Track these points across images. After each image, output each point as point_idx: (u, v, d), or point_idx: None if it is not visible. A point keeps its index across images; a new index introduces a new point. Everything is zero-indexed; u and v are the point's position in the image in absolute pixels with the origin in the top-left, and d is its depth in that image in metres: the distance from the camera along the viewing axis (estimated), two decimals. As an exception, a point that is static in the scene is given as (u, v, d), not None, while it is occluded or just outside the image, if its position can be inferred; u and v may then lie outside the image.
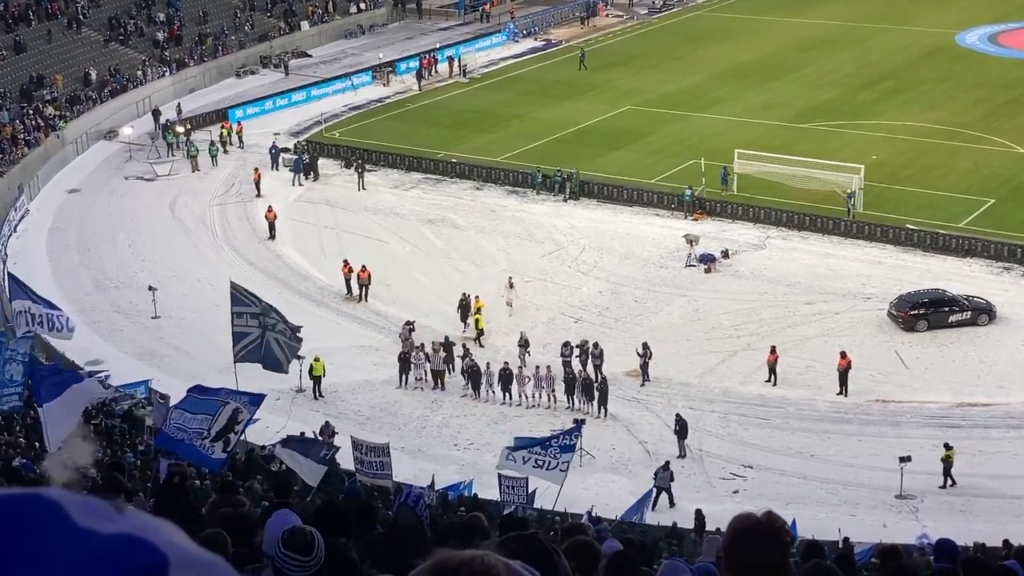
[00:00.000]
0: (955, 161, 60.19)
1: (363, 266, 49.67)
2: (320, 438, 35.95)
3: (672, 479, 36.41)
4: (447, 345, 43.90)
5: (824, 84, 73.52)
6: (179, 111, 70.63)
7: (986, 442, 38.86)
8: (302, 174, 62.19)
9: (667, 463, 36.92)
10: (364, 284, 49.35)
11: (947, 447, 36.56)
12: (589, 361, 42.82)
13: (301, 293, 50.34)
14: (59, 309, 35.51)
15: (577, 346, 43.33)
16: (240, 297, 34.67)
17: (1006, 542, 26.12)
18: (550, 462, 31.96)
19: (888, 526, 34.10)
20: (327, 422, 37.64)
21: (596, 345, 43.19)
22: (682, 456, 38.43)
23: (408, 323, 45.19)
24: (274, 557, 6.64)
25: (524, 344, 44.16)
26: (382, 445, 33.74)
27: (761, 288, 49.25)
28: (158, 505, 12.18)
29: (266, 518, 8.75)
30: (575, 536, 8.13)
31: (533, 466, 31.97)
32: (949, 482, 36.48)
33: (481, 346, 45.03)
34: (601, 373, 42.19)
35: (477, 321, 45.96)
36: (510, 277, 48.04)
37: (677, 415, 39.02)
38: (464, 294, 47.10)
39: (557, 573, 3.08)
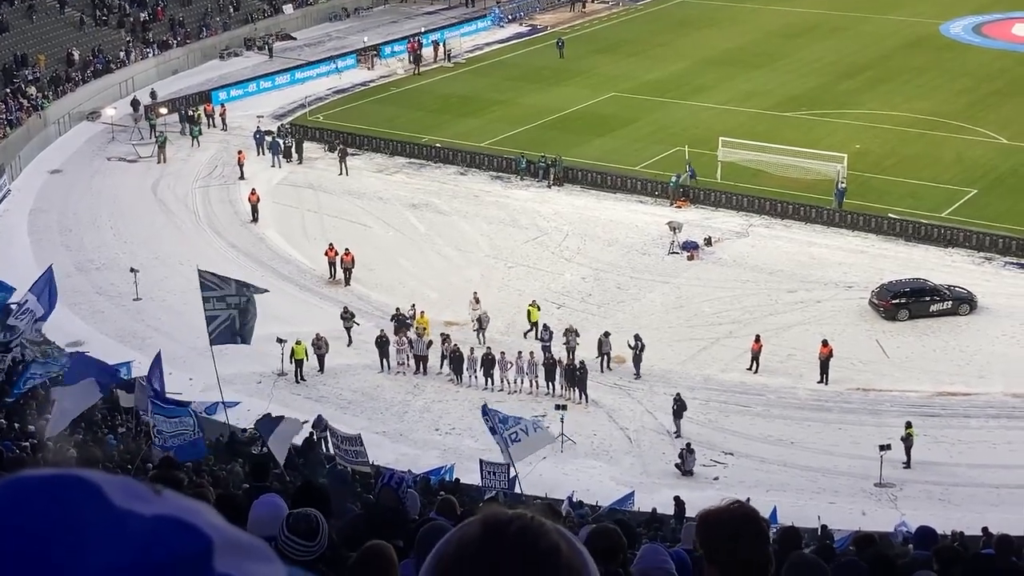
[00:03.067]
0: (938, 151, 60.35)
1: (346, 250, 49.62)
2: (313, 431, 35.86)
3: (695, 458, 36.93)
4: (400, 318, 43.97)
5: (808, 72, 73.58)
6: (153, 96, 69.94)
7: (965, 431, 39.06)
8: (281, 156, 62.06)
9: (689, 444, 37.18)
10: (348, 268, 49.31)
11: (908, 426, 36.96)
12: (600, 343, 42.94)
13: (284, 276, 50.24)
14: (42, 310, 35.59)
15: (565, 333, 43.39)
16: (208, 283, 34.82)
17: (985, 530, 26.29)
18: (517, 433, 32.30)
19: (867, 514, 34.27)
20: (319, 416, 37.40)
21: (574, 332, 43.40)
22: (678, 435, 38.65)
23: (346, 310, 44.82)
24: (276, 540, 6.61)
25: (480, 324, 44.35)
26: (354, 435, 33.75)
27: (743, 276, 49.35)
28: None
29: (248, 501, 8.74)
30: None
31: (513, 439, 32.23)
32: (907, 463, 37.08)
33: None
34: (571, 356, 42.40)
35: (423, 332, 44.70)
36: (475, 292, 46.25)
37: (677, 395, 39.18)
38: (397, 309, 45.13)
39: None
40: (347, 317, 44.63)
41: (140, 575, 1.59)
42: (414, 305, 45.56)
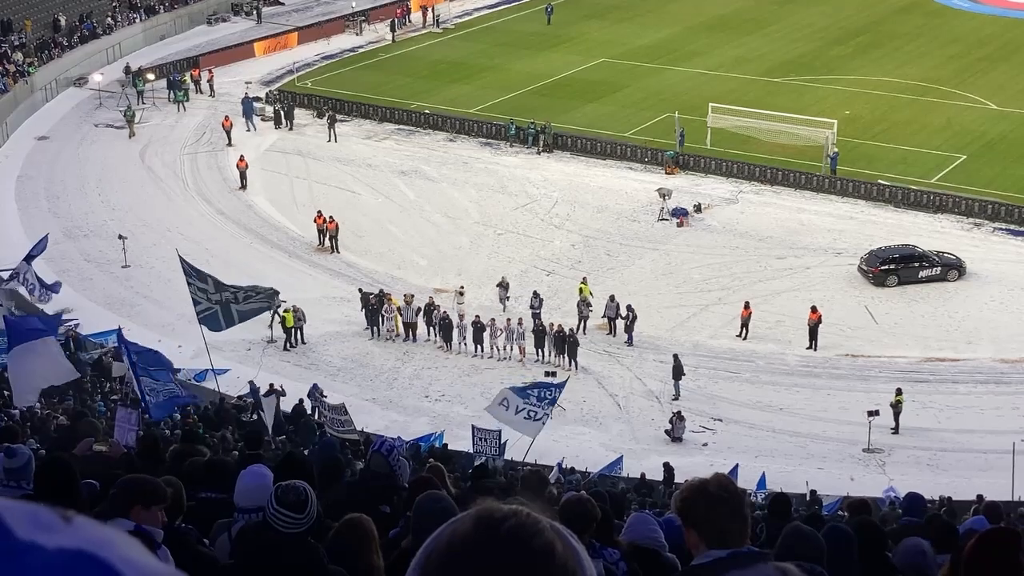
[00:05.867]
0: (928, 117, 60.30)
1: (331, 217, 49.46)
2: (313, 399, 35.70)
3: (684, 426, 36.99)
4: (380, 296, 43.60)
5: (799, 38, 73.39)
6: (127, 71, 68.85)
7: (954, 397, 39.19)
8: (258, 118, 61.78)
9: (679, 412, 37.25)
10: (332, 235, 49.16)
11: (898, 392, 37.12)
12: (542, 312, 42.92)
13: (273, 244, 50.11)
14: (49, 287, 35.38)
15: (578, 304, 43.33)
16: (190, 270, 34.05)
17: (979, 497, 26.38)
18: (536, 412, 31.94)
19: (855, 479, 34.42)
20: (315, 384, 37.25)
21: (536, 295, 43.45)
22: (676, 397, 38.73)
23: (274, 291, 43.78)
24: (266, 512, 6.58)
25: (504, 286, 44.30)
26: (338, 405, 33.74)
27: (733, 242, 49.34)
28: (138, 455, 12.23)
29: (238, 468, 8.70)
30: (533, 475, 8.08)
31: (524, 417, 31.91)
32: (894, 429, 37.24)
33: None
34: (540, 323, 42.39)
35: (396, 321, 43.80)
36: (461, 286, 44.74)
37: (675, 355, 39.31)
38: (360, 290, 44.06)
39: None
40: (278, 295, 43.21)
41: None
42: (381, 290, 44.88)
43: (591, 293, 43.48)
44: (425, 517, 6.12)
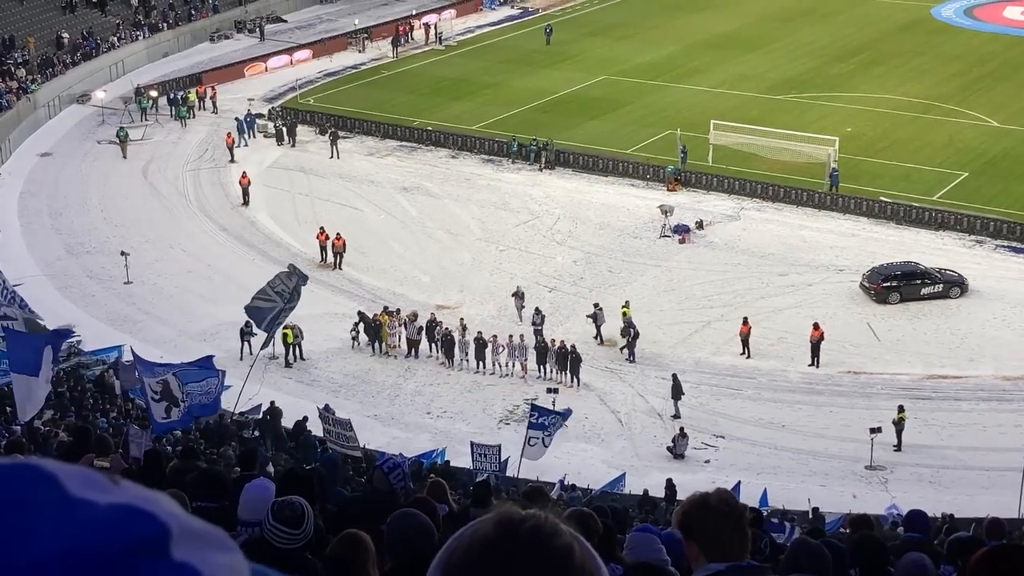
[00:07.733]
0: (929, 134, 60.37)
1: (337, 234, 49.52)
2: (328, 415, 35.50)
3: (687, 443, 36.99)
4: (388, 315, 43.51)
5: (801, 56, 73.53)
6: (138, 91, 68.85)
7: (956, 414, 39.15)
8: (253, 134, 61.92)
9: (682, 428, 37.22)
10: (339, 252, 49.22)
11: (900, 410, 37.10)
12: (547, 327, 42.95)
13: (275, 260, 50.05)
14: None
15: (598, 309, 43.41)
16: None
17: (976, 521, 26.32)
18: (544, 439, 32.68)
19: (858, 496, 34.34)
20: (327, 405, 37.02)
21: (537, 311, 43.47)
22: (676, 416, 38.69)
23: (248, 324, 43.11)
24: (263, 528, 6.57)
25: (520, 295, 44.48)
26: (346, 420, 33.70)
27: (735, 259, 49.37)
28: (142, 470, 12.27)
29: (239, 484, 8.72)
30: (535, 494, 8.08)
31: (544, 445, 32.70)
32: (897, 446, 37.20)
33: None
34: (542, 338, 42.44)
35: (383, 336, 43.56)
36: (462, 319, 43.66)
37: (673, 375, 39.24)
38: (360, 313, 43.80)
39: None
40: (246, 332, 41.70)
41: (92, 562, 1.55)
42: (386, 307, 44.64)
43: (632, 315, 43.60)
44: (393, 532, 6.11)
